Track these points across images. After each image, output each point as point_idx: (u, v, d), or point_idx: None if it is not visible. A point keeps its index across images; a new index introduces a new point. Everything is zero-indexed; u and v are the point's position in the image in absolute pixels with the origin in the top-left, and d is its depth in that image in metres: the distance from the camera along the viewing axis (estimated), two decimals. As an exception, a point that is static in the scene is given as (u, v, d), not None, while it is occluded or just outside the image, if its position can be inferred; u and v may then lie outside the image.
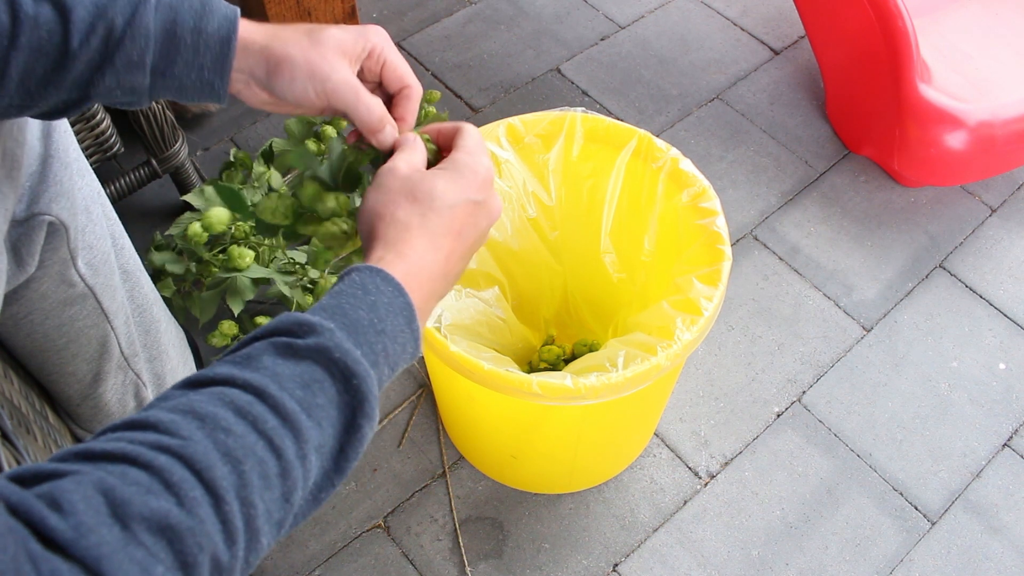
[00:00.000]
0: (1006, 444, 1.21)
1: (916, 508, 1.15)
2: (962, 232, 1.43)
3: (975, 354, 1.29)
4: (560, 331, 1.24)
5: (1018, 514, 1.15)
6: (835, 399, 1.24)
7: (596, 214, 1.06)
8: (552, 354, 1.17)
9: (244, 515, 0.41)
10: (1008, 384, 1.27)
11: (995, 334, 1.32)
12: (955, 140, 1.33)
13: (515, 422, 1.02)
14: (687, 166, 0.96)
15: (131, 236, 0.92)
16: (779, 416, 1.23)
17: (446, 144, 0.63)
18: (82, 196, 0.77)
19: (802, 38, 1.69)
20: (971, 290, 1.36)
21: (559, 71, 1.62)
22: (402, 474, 1.16)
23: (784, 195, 1.46)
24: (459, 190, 0.58)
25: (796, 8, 1.49)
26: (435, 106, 1.42)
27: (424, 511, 1.13)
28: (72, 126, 1.00)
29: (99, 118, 1.13)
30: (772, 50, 1.67)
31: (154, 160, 1.25)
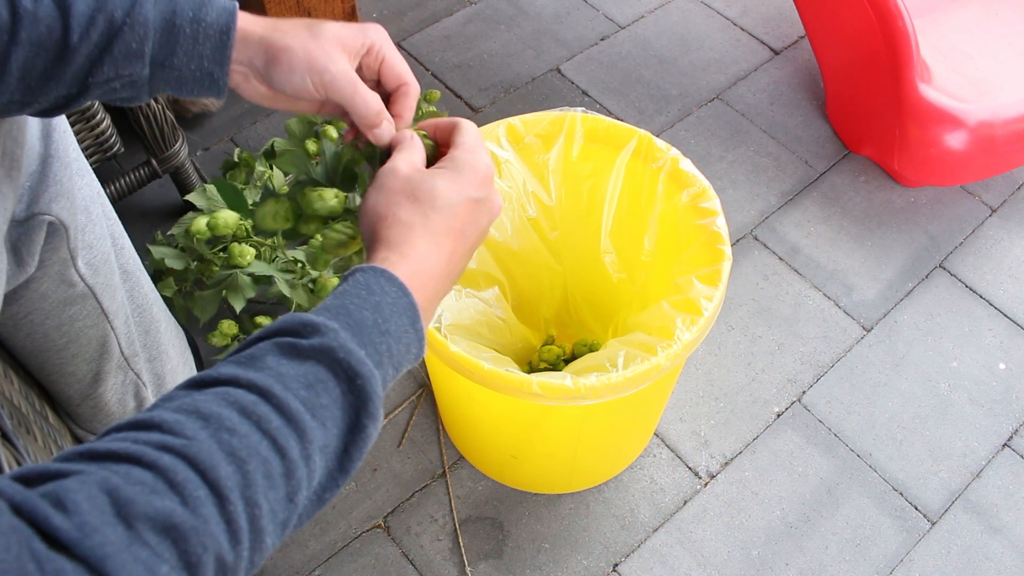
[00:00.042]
0: (1006, 444, 1.21)
1: (916, 508, 1.15)
2: (962, 232, 1.43)
3: (975, 354, 1.29)
4: (560, 331, 1.24)
5: (1018, 514, 1.15)
6: (835, 399, 1.24)
7: (596, 214, 1.06)
8: (552, 354, 1.17)
9: (248, 515, 0.41)
10: (1008, 384, 1.27)
11: (995, 334, 1.32)
12: (955, 140, 1.33)
13: (515, 422, 1.02)
14: (687, 166, 0.96)
15: (131, 236, 0.92)
16: (779, 416, 1.23)
17: (444, 140, 0.63)
18: (82, 196, 0.77)
19: (802, 38, 1.69)
20: (971, 290, 1.36)
21: (559, 71, 1.62)
22: (402, 474, 1.16)
23: (784, 195, 1.46)
24: (460, 189, 0.58)
25: (796, 8, 1.49)
26: (435, 106, 1.42)
27: (424, 511, 1.13)
28: (72, 126, 1.00)
29: (99, 118, 1.13)
30: (772, 50, 1.67)
31: (154, 160, 1.25)
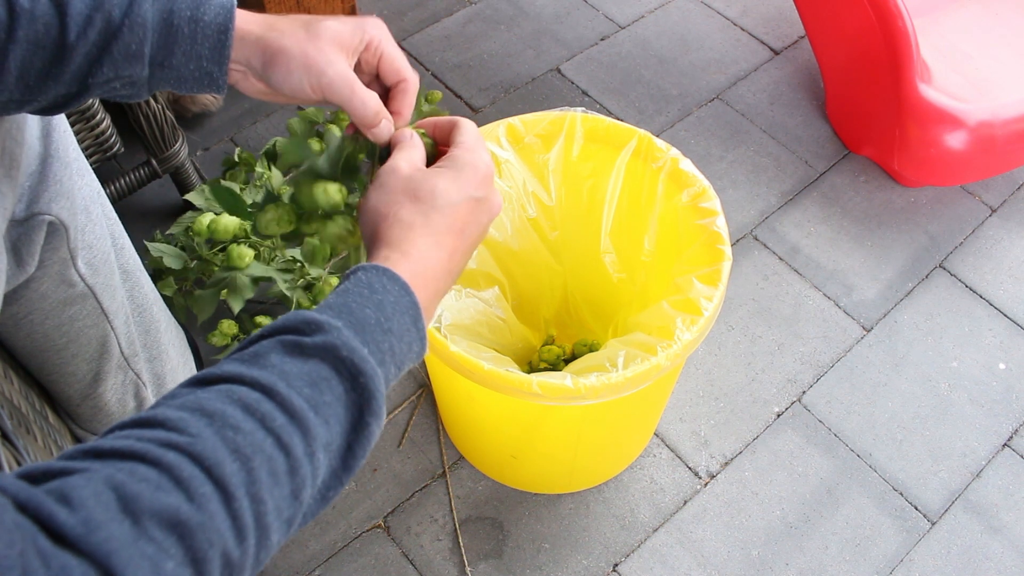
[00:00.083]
0: (1006, 444, 1.21)
1: (916, 508, 1.15)
2: (962, 232, 1.43)
3: (975, 354, 1.29)
4: (560, 331, 1.24)
5: (1018, 514, 1.15)
6: (835, 399, 1.24)
7: (596, 214, 1.06)
8: (552, 354, 1.17)
9: (254, 511, 0.41)
10: (1008, 384, 1.27)
11: (995, 334, 1.31)
12: (955, 140, 1.33)
13: (515, 422, 1.02)
14: (687, 166, 0.96)
15: (131, 236, 0.92)
16: (779, 416, 1.23)
17: (443, 139, 0.63)
18: (82, 196, 0.77)
19: (802, 38, 1.69)
20: (971, 290, 1.36)
21: (559, 71, 1.62)
22: (402, 474, 1.16)
23: (784, 195, 1.46)
24: (460, 188, 0.58)
25: (796, 8, 1.49)
26: (436, 106, 1.42)
27: (424, 511, 1.13)
28: (72, 126, 1.00)
29: (99, 118, 1.13)
30: (772, 50, 1.67)
31: (154, 160, 1.25)
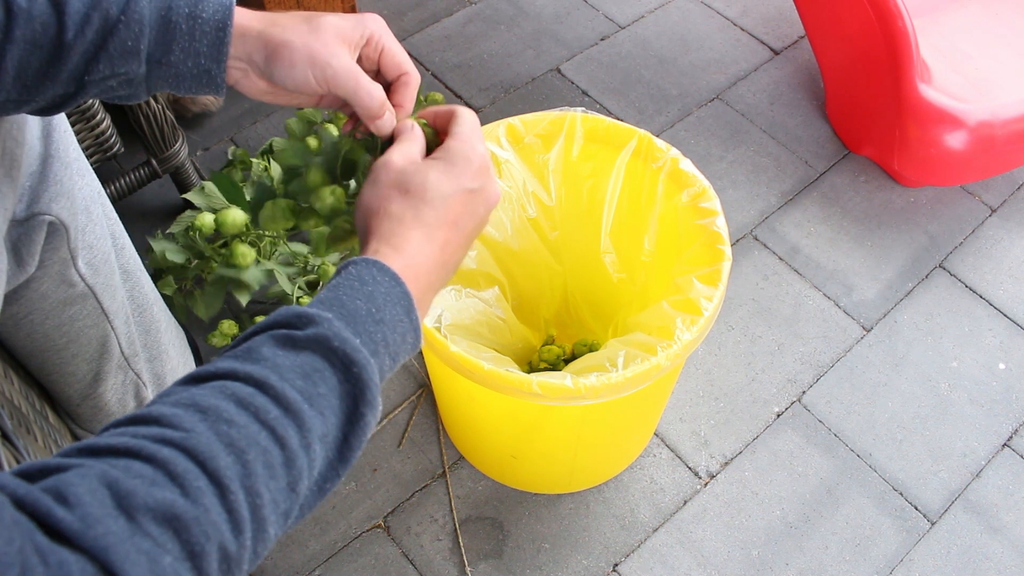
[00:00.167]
0: (1006, 444, 1.21)
1: (916, 508, 1.15)
2: (962, 232, 1.43)
3: (975, 354, 1.29)
4: (560, 331, 1.24)
5: (1018, 514, 1.15)
6: (835, 399, 1.24)
7: (596, 214, 1.06)
8: (552, 354, 1.17)
9: (250, 504, 0.41)
10: (1008, 384, 1.27)
11: (995, 334, 1.31)
12: (955, 140, 1.33)
13: (515, 422, 1.02)
14: (687, 166, 0.96)
15: (131, 236, 0.92)
16: (779, 416, 1.23)
17: (443, 128, 0.63)
18: (82, 196, 0.77)
19: (802, 38, 1.69)
20: (971, 290, 1.36)
21: (559, 71, 1.62)
22: (402, 474, 1.16)
23: (784, 195, 1.46)
24: (453, 180, 0.57)
25: (796, 8, 1.49)
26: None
27: (424, 511, 1.13)
28: (72, 126, 1.00)
29: (99, 118, 1.13)
30: (772, 50, 1.67)
31: (154, 160, 1.25)
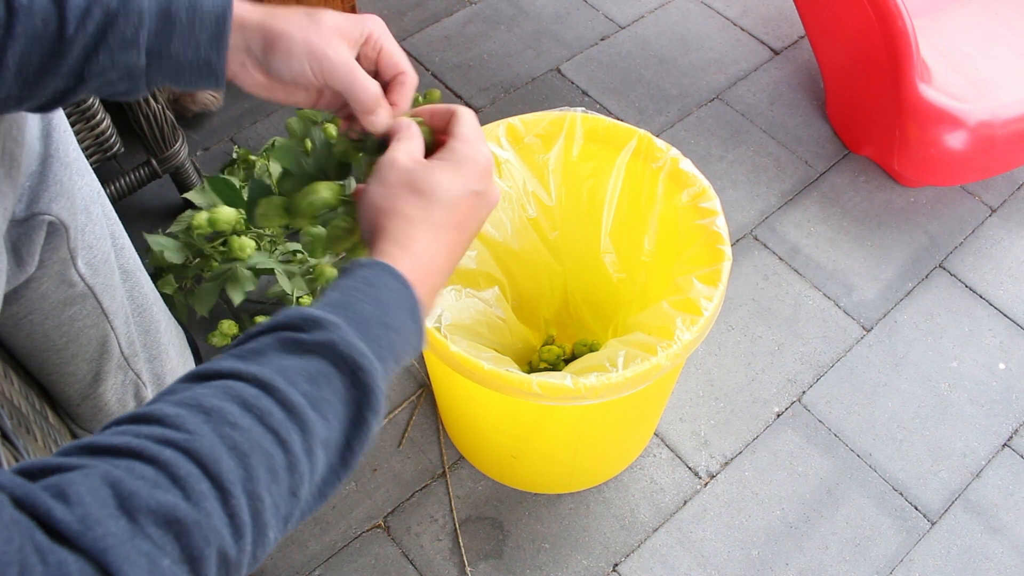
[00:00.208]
0: (1006, 444, 1.21)
1: (916, 508, 1.15)
2: (962, 232, 1.43)
3: (975, 354, 1.29)
4: (560, 331, 1.24)
5: (1018, 514, 1.15)
6: (835, 399, 1.24)
7: (596, 214, 1.06)
8: (552, 354, 1.17)
9: (251, 509, 0.41)
10: (1008, 384, 1.27)
11: (995, 334, 1.31)
12: (955, 140, 1.33)
13: (515, 422, 1.02)
14: (687, 166, 0.96)
15: (131, 236, 0.92)
16: (779, 416, 1.23)
17: (441, 128, 0.62)
18: (82, 196, 0.77)
19: (802, 38, 1.69)
20: (971, 290, 1.36)
21: (559, 71, 1.62)
22: (402, 474, 1.16)
23: (784, 195, 1.46)
24: (461, 182, 0.57)
25: (796, 8, 1.49)
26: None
27: (424, 511, 1.13)
28: (72, 126, 1.00)
29: (99, 118, 1.13)
30: (772, 50, 1.67)
31: (154, 160, 1.25)
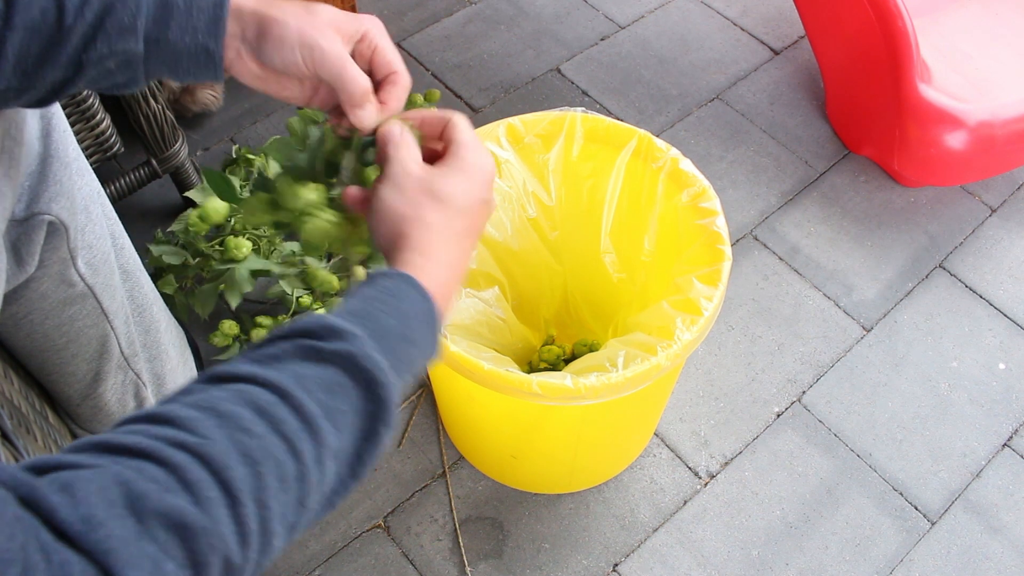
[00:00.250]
0: (1006, 444, 1.21)
1: (916, 508, 1.15)
2: (962, 232, 1.43)
3: (975, 354, 1.29)
4: (560, 331, 1.24)
5: (1018, 514, 1.15)
6: (835, 399, 1.24)
7: (596, 214, 1.06)
8: (552, 354, 1.17)
9: (259, 517, 0.41)
10: (1008, 384, 1.27)
11: (995, 334, 1.31)
12: (955, 140, 1.33)
13: (515, 422, 1.02)
14: (687, 166, 0.96)
15: (131, 236, 0.92)
16: (779, 416, 1.23)
17: (433, 134, 0.62)
18: (82, 196, 0.77)
19: (802, 38, 1.69)
20: (971, 290, 1.36)
21: (559, 71, 1.62)
22: (402, 474, 1.16)
23: (784, 195, 1.46)
24: (474, 190, 0.58)
25: (796, 8, 1.49)
26: (436, 106, 1.42)
27: (424, 511, 1.13)
28: (72, 126, 1.00)
29: (99, 118, 1.13)
30: (772, 50, 1.67)
31: (154, 160, 1.25)
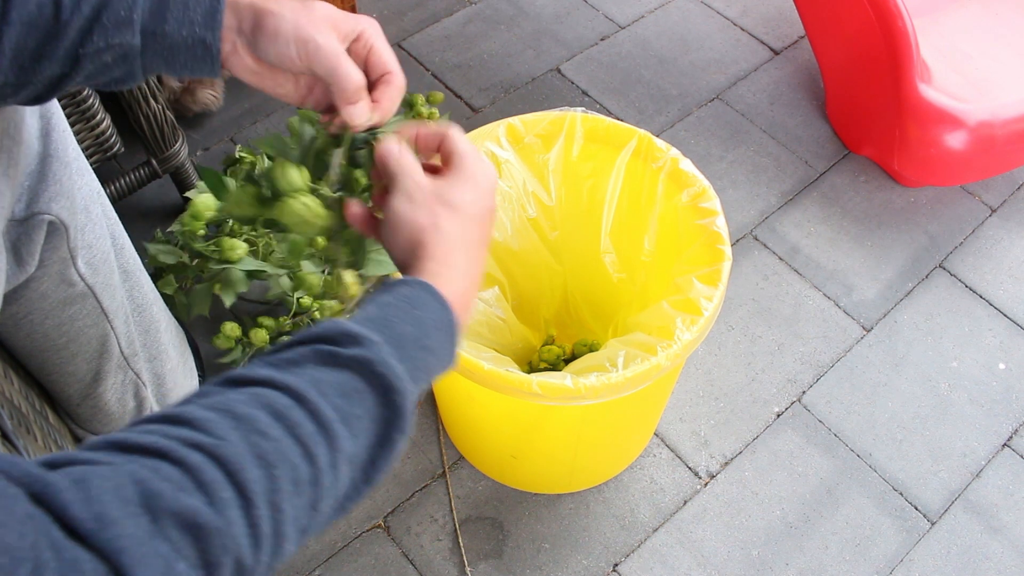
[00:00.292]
0: (1006, 444, 1.21)
1: (916, 508, 1.15)
2: (962, 232, 1.43)
3: (975, 354, 1.29)
4: (560, 331, 1.24)
5: (1018, 514, 1.15)
6: (835, 399, 1.24)
7: (596, 214, 1.06)
8: (552, 354, 1.17)
9: (272, 520, 0.41)
10: (1008, 384, 1.27)
11: (995, 334, 1.31)
12: (955, 140, 1.33)
13: (515, 422, 1.02)
14: (687, 166, 0.96)
15: (131, 236, 0.92)
16: (779, 416, 1.23)
17: (428, 147, 0.62)
18: (82, 195, 0.77)
19: (802, 38, 1.69)
20: (971, 290, 1.36)
21: (559, 71, 1.62)
22: (402, 474, 1.16)
23: (784, 195, 1.46)
24: (482, 199, 0.59)
25: (796, 8, 1.49)
26: (437, 108, 1.42)
27: (424, 511, 1.13)
28: (72, 126, 1.00)
29: (99, 118, 1.13)
30: (772, 50, 1.67)
31: (154, 160, 1.25)
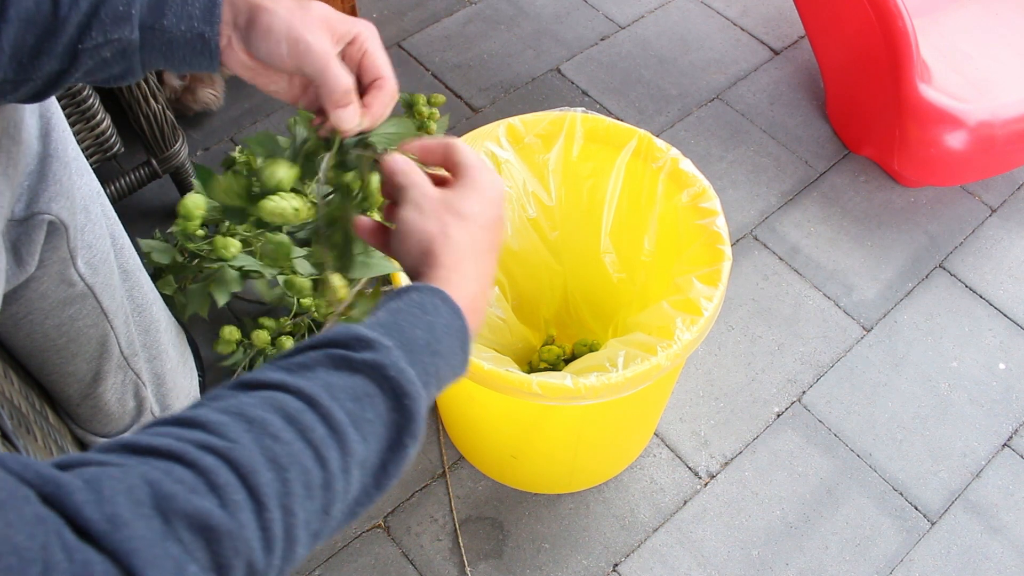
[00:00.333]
0: (1006, 444, 1.21)
1: (916, 508, 1.15)
2: (962, 232, 1.43)
3: (975, 354, 1.29)
4: (560, 331, 1.24)
5: (1018, 514, 1.15)
6: (835, 399, 1.24)
7: (596, 214, 1.06)
8: (552, 354, 1.17)
9: (284, 524, 0.41)
10: (1008, 384, 1.27)
11: (995, 334, 1.31)
12: (955, 140, 1.33)
13: (515, 422, 1.02)
14: (687, 166, 0.96)
15: (131, 236, 0.92)
16: (779, 416, 1.23)
17: (434, 160, 0.62)
18: (81, 195, 0.78)
19: (802, 38, 1.69)
20: (971, 290, 1.36)
21: (559, 71, 1.62)
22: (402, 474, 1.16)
23: (784, 195, 1.46)
24: (491, 209, 0.59)
25: (796, 8, 1.49)
26: (438, 109, 1.42)
27: (424, 511, 1.13)
28: (72, 126, 1.00)
29: (99, 118, 1.13)
30: (772, 50, 1.67)
31: (154, 160, 1.25)
